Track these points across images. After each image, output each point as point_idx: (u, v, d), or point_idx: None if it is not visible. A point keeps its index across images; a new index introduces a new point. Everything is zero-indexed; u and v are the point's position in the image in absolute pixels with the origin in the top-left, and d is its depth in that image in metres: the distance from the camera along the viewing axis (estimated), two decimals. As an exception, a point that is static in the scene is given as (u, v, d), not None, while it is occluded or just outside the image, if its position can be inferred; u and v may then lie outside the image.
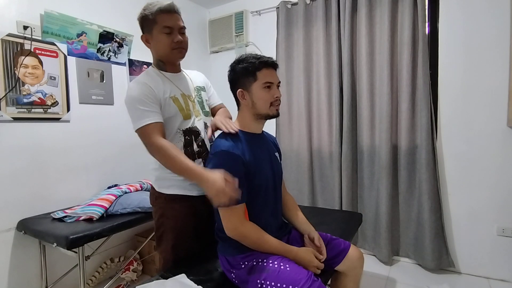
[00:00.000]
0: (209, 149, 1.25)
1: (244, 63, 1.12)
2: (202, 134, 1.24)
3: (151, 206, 1.40)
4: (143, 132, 1.11)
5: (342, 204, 2.38)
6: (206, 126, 1.28)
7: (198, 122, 1.24)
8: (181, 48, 1.20)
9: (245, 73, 1.12)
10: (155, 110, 1.12)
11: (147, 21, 1.18)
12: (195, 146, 1.21)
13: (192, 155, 1.20)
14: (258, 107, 1.13)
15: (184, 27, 1.21)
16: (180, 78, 1.28)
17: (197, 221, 1.25)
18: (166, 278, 1.15)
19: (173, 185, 1.20)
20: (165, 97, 1.17)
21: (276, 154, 1.28)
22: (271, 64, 1.14)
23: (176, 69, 1.29)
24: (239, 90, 1.14)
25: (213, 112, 1.40)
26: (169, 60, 1.23)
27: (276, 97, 1.13)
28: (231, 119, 1.32)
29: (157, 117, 1.12)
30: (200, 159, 1.22)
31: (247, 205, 1.09)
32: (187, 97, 1.24)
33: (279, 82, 1.18)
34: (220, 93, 1.50)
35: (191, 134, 1.21)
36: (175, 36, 1.17)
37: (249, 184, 1.09)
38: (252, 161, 1.10)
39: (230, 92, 1.21)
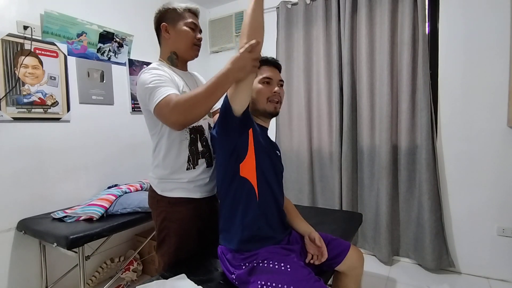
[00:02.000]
0: (212, 150, 1.24)
1: None
2: (206, 134, 1.23)
3: None
4: (165, 104, 0.99)
5: (342, 204, 2.38)
6: (209, 126, 1.27)
7: (203, 121, 1.23)
8: (199, 47, 1.23)
9: None
10: (172, 86, 1.07)
11: (174, 13, 1.19)
12: (199, 145, 1.20)
13: (196, 154, 1.19)
14: (256, 102, 1.14)
15: (201, 30, 1.26)
16: (189, 77, 1.27)
17: (201, 223, 1.24)
18: (166, 278, 1.14)
19: (177, 188, 1.17)
20: (180, 88, 1.13)
21: (277, 152, 1.28)
22: (271, 62, 1.15)
23: (186, 67, 1.28)
24: None
25: (215, 113, 1.39)
26: (186, 55, 1.23)
27: (274, 92, 1.13)
28: None
29: (176, 90, 1.06)
30: (204, 159, 1.20)
31: (248, 200, 1.08)
32: None
33: (282, 81, 1.18)
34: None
35: (196, 132, 1.19)
36: (197, 33, 1.21)
37: (253, 157, 1.07)
38: (258, 141, 1.10)
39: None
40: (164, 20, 1.19)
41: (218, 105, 1.41)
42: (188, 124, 1.07)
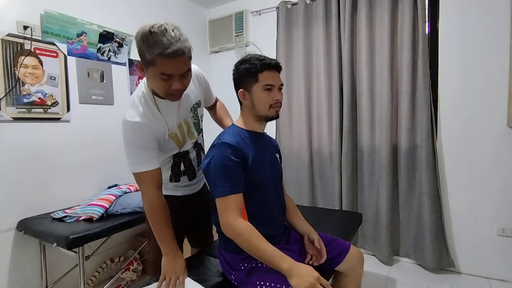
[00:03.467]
0: (195, 168, 1.31)
1: (247, 64, 1.11)
2: (191, 155, 1.27)
3: None
4: (140, 177, 1.10)
5: (342, 204, 2.38)
6: (196, 144, 1.29)
7: (191, 145, 1.26)
8: (178, 94, 1.05)
9: (247, 74, 1.11)
10: (153, 155, 1.09)
11: (143, 56, 0.99)
12: (182, 166, 1.26)
13: (178, 173, 1.26)
14: (258, 108, 1.13)
15: (188, 70, 1.02)
16: (177, 103, 1.14)
17: (186, 215, 1.32)
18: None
19: (165, 188, 1.21)
20: (165, 138, 1.13)
21: (277, 155, 1.29)
22: (274, 66, 1.12)
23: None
24: (240, 90, 1.14)
25: (211, 108, 1.46)
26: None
27: (276, 100, 1.13)
28: (229, 115, 1.45)
29: (155, 163, 1.09)
30: (186, 176, 1.28)
31: (245, 203, 1.09)
32: (183, 123, 1.20)
33: (282, 85, 1.16)
34: (220, 93, 1.50)
35: (180, 157, 1.24)
36: (173, 83, 0.99)
37: (249, 181, 1.08)
38: (253, 157, 1.10)
39: (230, 92, 1.21)
40: (141, 60, 1.01)
41: (212, 100, 1.44)
42: None
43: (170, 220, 1.11)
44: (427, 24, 2.09)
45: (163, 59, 0.93)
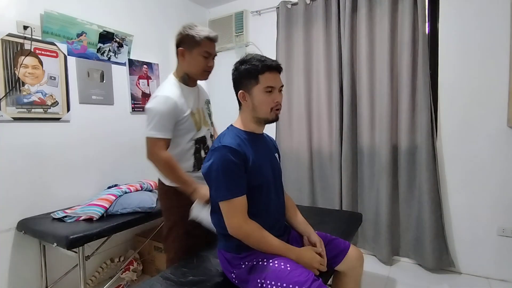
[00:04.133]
0: None
1: (247, 65, 1.10)
2: (208, 142, 1.45)
3: (151, 206, 1.47)
4: (154, 142, 1.28)
5: (342, 204, 2.38)
6: (210, 135, 1.48)
7: (207, 131, 1.45)
8: (209, 72, 1.40)
9: (248, 75, 1.10)
10: (171, 127, 1.31)
11: (191, 40, 1.31)
12: (202, 153, 1.42)
13: (199, 160, 1.40)
14: (258, 110, 1.12)
15: (216, 55, 1.40)
16: (196, 92, 1.44)
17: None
18: (168, 279, 1.15)
19: None
20: (186, 115, 1.33)
21: (276, 155, 1.29)
22: (275, 68, 1.12)
23: (195, 84, 1.45)
24: (240, 91, 1.13)
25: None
26: (196, 78, 1.41)
27: (277, 102, 1.12)
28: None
29: (170, 134, 1.31)
30: None
31: (247, 204, 1.09)
32: (200, 110, 1.43)
33: (282, 86, 1.16)
34: (219, 92, 1.50)
35: (200, 142, 1.41)
36: (209, 61, 1.36)
37: (250, 183, 1.08)
38: (253, 159, 1.10)
39: (230, 91, 1.20)
40: (182, 44, 1.33)
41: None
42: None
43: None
44: (427, 24, 2.09)
45: (208, 41, 1.33)
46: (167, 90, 1.32)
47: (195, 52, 1.32)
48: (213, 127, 1.56)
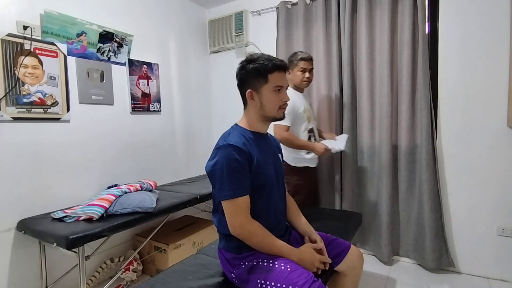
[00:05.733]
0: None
1: (256, 64, 1.10)
2: (315, 132, 2.02)
3: (151, 206, 1.54)
4: (279, 127, 1.82)
5: (342, 204, 2.38)
6: (316, 128, 2.05)
7: (313, 124, 2.03)
8: (307, 82, 1.99)
9: (256, 74, 1.10)
10: (291, 119, 1.87)
11: (292, 61, 1.97)
12: (312, 140, 1.98)
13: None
14: (267, 109, 1.13)
15: (312, 68, 2.00)
16: (304, 97, 2.02)
17: (312, 182, 2.15)
18: (168, 279, 1.15)
19: (302, 161, 1.95)
20: (301, 111, 1.91)
21: (279, 155, 1.29)
22: (283, 67, 1.13)
23: (303, 90, 2.06)
24: (248, 90, 1.12)
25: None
26: (300, 87, 2.01)
27: (285, 100, 1.13)
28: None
29: (289, 123, 1.85)
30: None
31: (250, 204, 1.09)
32: (307, 110, 1.98)
33: (288, 86, 1.17)
34: (219, 92, 1.50)
35: (310, 132, 1.99)
36: (307, 73, 1.96)
37: (253, 183, 1.08)
38: (258, 159, 1.10)
39: (230, 91, 1.21)
40: (289, 64, 1.93)
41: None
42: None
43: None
44: (427, 24, 2.09)
45: (303, 61, 1.94)
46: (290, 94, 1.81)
47: (295, 70, 1.95)
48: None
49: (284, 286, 0.98)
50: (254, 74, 1.11)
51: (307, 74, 1.95)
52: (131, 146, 2.32)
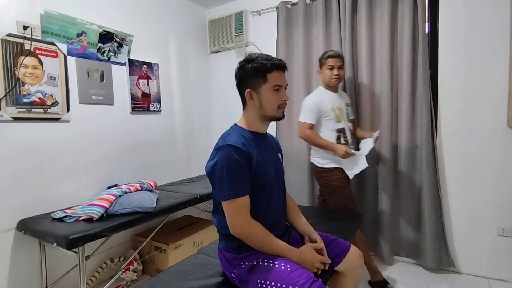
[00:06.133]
0: (349, 145, 1.90)
1: (255, 63, 1.10)
2: (347, 134, 1.93)
3: (151, 206, 1.52)
4: (303, 125, 1.92)
5: (342, 204, 2.37)
6: (349, 129, 1.96)
7: (345, 125, 1.94)
8: (337, 79, 1.94)
9: (255, 73, 1.10)
10: (315, 116, 1.91)
11: (321, 60, 1.97)
12: (342, 140, 1.91)
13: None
14: (266, 109, 1.13)
15: (341, 65, 1.95)
16: (337, 96, 1.99)
17: (344, 181, 1.95)
18: (168, 279, 1.15)
19: (330, 162, 1.93)
20: (327, 109, 1.89)
21: (279, 155, 1.29)
22: (282, 67, 1.13)
23: (336, 90, 2.01)
24: (247, 90, 1.12)
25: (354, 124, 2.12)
26: (331, 85, 1.97)
27: (284, 100, 1.13)
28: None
29: (313, 120, 1.91)
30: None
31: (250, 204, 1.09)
32: (338, 109, 1.93)
33: (287, 85, 1.17)
34: (219, 92, 1.50)
35: (340, 132, 1.92)
36: (336, 70, 1.92)
37: (253, 183, 1.08)
38: (257, 159, 1.10)
39: (230, 91, 1.21)
40: (319, 65, 2.00)
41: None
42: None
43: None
44: (427, 24, 2.09)
45: (331, 58, 1.92)
46: (313, 94, 2.01)
47: (324, 68, 1.95)
48: (353, 124, 2.04)
49: (284, 286, 0.98)
50: (253, 73, 1.11)
51: (335, 71, 1.91)
52: (131, 146, 2.32)
